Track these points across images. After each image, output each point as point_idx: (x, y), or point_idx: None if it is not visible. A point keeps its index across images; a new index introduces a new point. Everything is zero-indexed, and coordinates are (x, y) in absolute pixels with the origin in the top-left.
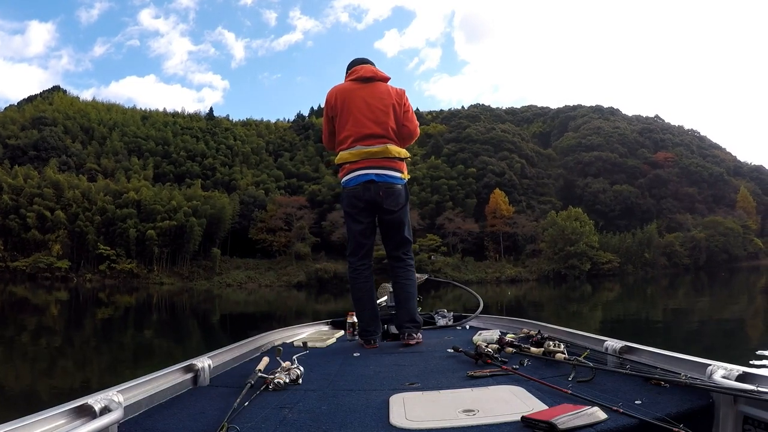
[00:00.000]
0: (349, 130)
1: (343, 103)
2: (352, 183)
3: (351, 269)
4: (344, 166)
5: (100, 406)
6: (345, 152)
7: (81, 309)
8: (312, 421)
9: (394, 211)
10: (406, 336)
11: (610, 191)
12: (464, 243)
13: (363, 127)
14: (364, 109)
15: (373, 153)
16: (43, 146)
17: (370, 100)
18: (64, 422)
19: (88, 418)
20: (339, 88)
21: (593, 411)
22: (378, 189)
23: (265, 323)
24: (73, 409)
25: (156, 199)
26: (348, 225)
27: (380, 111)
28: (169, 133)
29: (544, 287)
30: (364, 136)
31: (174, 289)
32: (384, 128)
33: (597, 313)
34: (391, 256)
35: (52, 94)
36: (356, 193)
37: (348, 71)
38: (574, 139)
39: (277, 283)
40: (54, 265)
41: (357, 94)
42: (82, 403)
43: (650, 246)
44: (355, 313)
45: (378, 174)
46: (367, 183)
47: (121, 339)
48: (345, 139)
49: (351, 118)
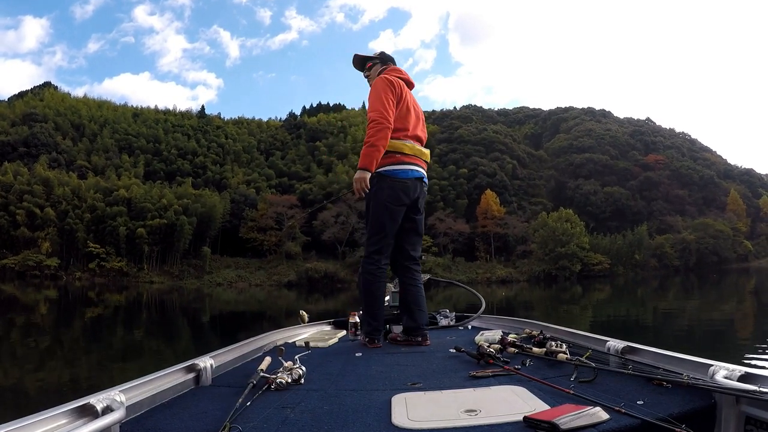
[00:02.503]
0: (406, 123)
1: (403, 97)
2: (406, 175)
3: (375, 267)
4: (396, 155)
5: (102, 406)
6: (399, 142)
7: (70, 307)
8: (314, 421)
9: (422, 212)
10: (424, 338)
11: (601, 193)
12: (455, 243)
13: (415, 128)
14: (415, 112)
15: (425, 154)
16: (33, 143)
17: (416, 105)
18: (66, 422)
19: (90, 418)
20: (401, 79)
21: (595, 411)
22: (423, 189)
23: (255, 323)
24: (75, 409)
25: (146, 197)
26: (382, 220)
27: (423, 118)
28: (161, 130)
29: (535, 288)
30: (417, 137)
31: (164, 288)
32: (425, 135)
33: (587, 313)
34: (409, 257)
35: (42, 90)
36: (406, 187)
37: (385, 63)
38: (565, 140)
39: (268, 283)
40: (43, 263)
41: (410, 94)
42: (84, 403)
43: (641, 247)
44: (364, 312)
45: (425, 175)
46: (417, 180)
47: (111, 338)
48: (402, 129)
49: (408, 114)
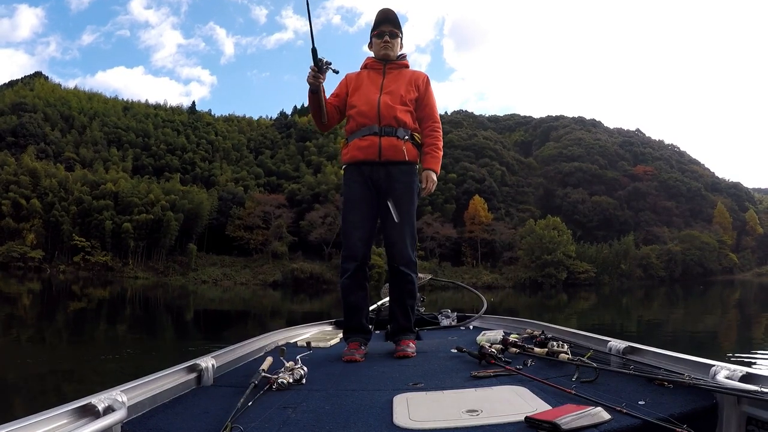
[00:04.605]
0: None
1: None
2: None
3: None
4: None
5: (103, 406)
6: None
7: (54, 301)
8: (315, 421)
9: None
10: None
11: (589, 202)
12: (442, 248)
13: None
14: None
15: None
16: (22, 133)
17: None
18: (68, 422)
19: (91, 418)
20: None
21: (597, 411)
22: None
23: (240, 322)
24: (77, 409)
25: (133, 192)
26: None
27: None
28: (150, 125)
29: (520, 294)
30: None
31: (148, 284)
32: None
33: (572, 322)
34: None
35: (33, 80)
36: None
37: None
38: (555, 149)
39: (253, 282)
40: (27, 255)
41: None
42: (86, 403)
43: (627, 257)
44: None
45: None
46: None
47: (93, 332)
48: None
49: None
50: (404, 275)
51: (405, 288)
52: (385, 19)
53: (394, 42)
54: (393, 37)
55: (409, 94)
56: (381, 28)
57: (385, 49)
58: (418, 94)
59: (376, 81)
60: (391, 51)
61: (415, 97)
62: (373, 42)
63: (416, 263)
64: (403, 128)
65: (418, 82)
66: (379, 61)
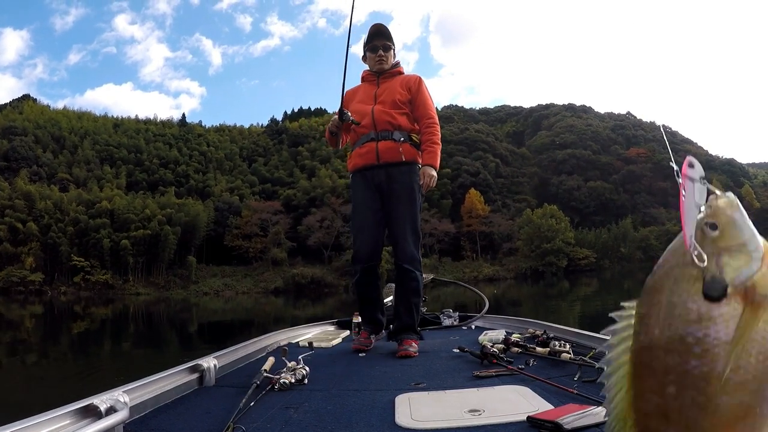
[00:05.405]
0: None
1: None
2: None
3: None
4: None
5: (105, 407)
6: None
7: (56, 323)
8: (317, 421)
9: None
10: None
11: (585, 188)
12: (441, 244)
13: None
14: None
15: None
16: (14, 156)
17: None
18: (70, 422)
19: (93, 419)
20: None
21: (599, 411)
22: None
23: (243, 331)
24: (79, 410)
25: (129, 208)
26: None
27: None
28: (142, 140)
29: (522, 285)
30: None
31: (150, 300)
32: None
33: (576, 308)
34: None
35: (21, 103)
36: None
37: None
38: (547, 137)
39: (255, 290)
40: (27, 279)
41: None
42: (88, 404)
43: (626, 240)
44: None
45: None
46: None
47: (99, 352)
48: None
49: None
50: (408, 272)
51: (409, 286)
52: (378, 33)
53: (387, 55)
54: (386, 51)
55: (402, 96)
56: (374, 42)
57: (380, 63)
58: (411, 95)
59: (370, 92)
60: (386, 64)
61: (408, 99)
62: (367, 56)
63: (420, 261)
64: (399, 131)
65: (410, 83)
66: (373, 74)
